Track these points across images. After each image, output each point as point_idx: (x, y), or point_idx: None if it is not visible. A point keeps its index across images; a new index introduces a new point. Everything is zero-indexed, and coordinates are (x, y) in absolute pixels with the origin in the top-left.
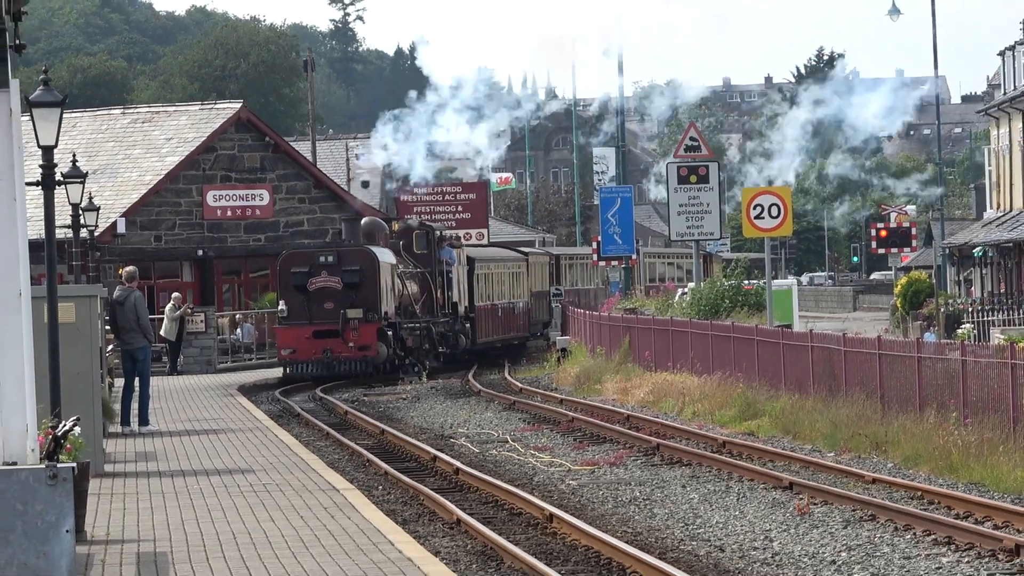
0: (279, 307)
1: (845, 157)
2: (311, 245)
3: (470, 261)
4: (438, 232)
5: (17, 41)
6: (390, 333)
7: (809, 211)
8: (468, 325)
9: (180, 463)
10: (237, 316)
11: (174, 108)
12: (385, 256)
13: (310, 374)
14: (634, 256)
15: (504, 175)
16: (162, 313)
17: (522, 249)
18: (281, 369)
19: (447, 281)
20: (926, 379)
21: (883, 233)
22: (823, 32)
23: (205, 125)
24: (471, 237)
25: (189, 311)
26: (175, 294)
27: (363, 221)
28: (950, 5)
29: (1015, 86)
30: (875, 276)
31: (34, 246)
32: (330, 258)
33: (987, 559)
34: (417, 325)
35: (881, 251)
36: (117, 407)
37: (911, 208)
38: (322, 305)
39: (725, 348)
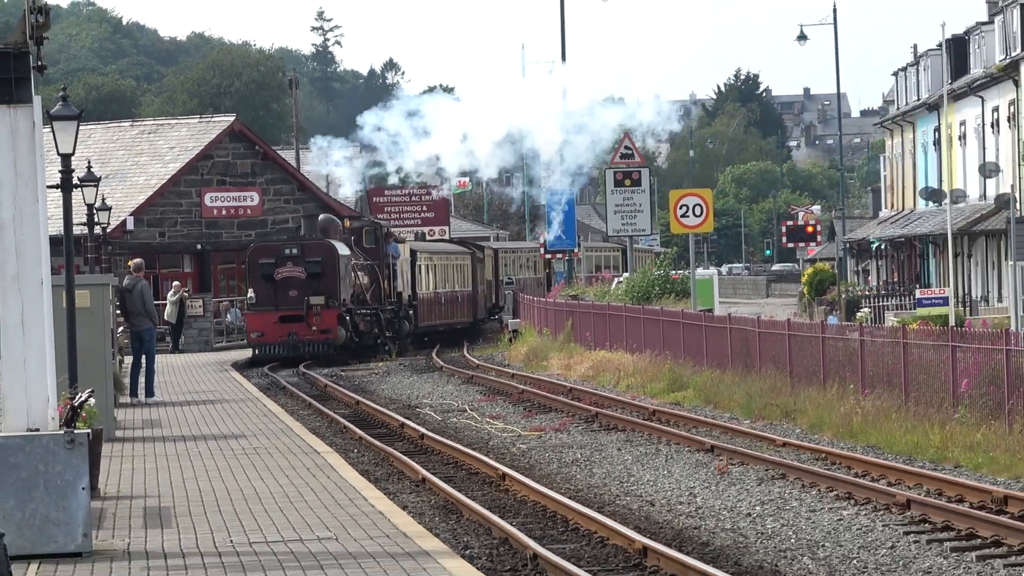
0: (248, 294)
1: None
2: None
3: (413, 254)
4: (384, 229)
5: (39, 63)
6: (348, 318)
7: (728, 209)
8: (411, 312)
9: (181, 429)
10: (223, 303)
11: (176, 121)
12: (343, 249)
13: (277, 355)
14: (576, 249)
15: (463, 179)
16: (166, 299)
17: (468, 244)
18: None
19: (393, 273)
20: (829, 356)
21: (792, 229)
22: (742, 55)
23: (203, 136)
24: (434, 233)
25: (186, 294)
26: (176, 283)
27: (320, 217)
28: (851, 31)
29: (907, 102)
30: (776, 267)
31: (54, 241)
32: (295, 250)
33: (882, 512)
34: (368, 311)
35: (790, 245)
36: (126, 381)
37: (816, 208)
38: (287, 293)
39: (655, 330)
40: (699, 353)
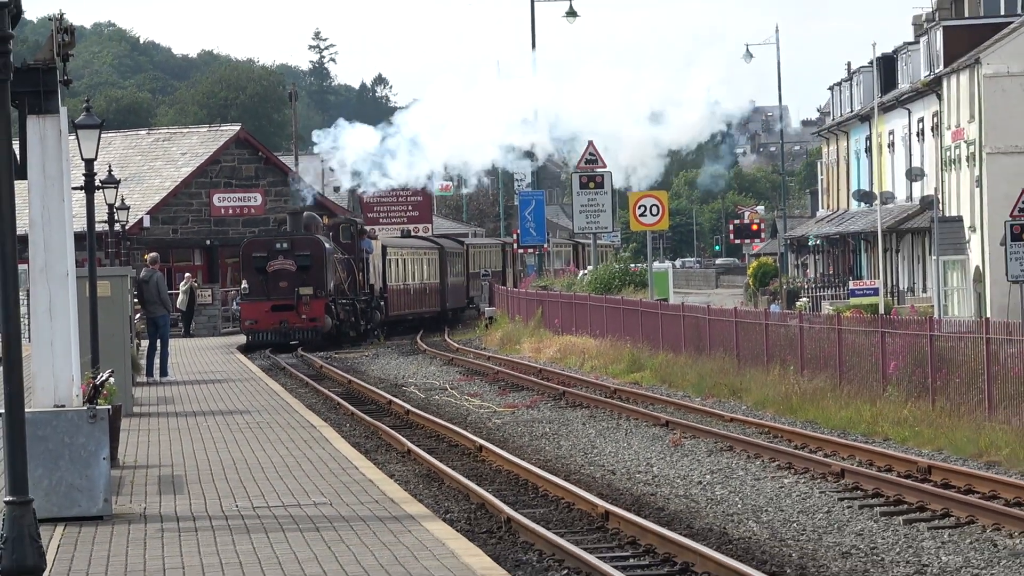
0: (242, 285)
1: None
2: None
3: (383, 250)
4: (359, 226)
5: (65, 77)
6: (333, 307)
7: (681, 209)
8: (382, 302)
9: (192, 406)
10: (230, 293)
11: (187, 130)
12: (328, 244)
13: (269, 341)
14: (545, 245)
15: (445, 183)
16: (178, 289)
17: (436, 240)
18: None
19: (366, 266)
20: (772, 341)
21: (739, 227)
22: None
23: (211, 143)
24: (419, 230)
25: (195, 284)
26: (187, 274)
27: (304, 215)
28: (792, 51)
29: (841, 114)
30: (719, 261)
31: (78, 237)
32: (285, 245)
33: (819, 480)
34: (347, 301)
35: (737, 241)
36: (143, 362)
37: (760, 208)
38: (278, 284)
39: (616, 317)
40: (655, 338)
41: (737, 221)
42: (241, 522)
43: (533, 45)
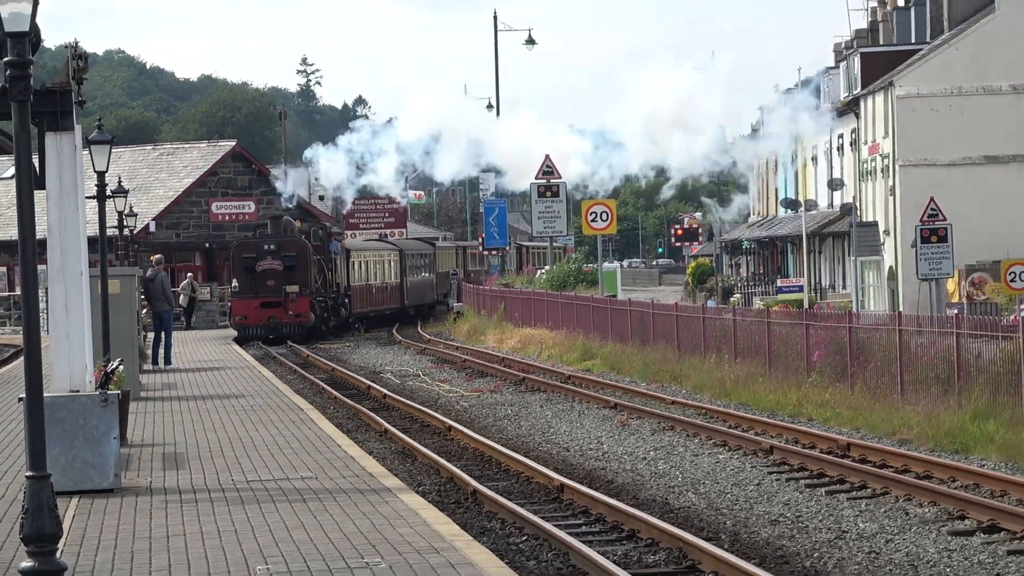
0: (232, 284)
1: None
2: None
3: (347, 252)
4: (328, 229)
5: (80, 99)
6: (316, 304)
7: (628, 215)
8: (347, 300)
9: (193, 391)
10: (226, 290)
11: (189, 145)
12: (310, 246)
13: (258, 336)
14: (507, 247)
15: (418, 192)
16: (179, 287)
17: (395, 243)
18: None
19: (335, 267)
20: (709, 332)
21: (679, 232)
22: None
23: (210, 157)
24: (395, 234)
25: (196, 283)
26: (188, 274)
27: (282, 219)
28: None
29: (764, 132)
30: (661, 262)
31: (91, 241)
32: (272, 246)
33: (750, 456)
34: (323, 298)
35: (678, 244)
36: (149, 352)
37: (698, 214)
38: (266, 282)
39: (570, 311)
40: (605, 330)
41: (678, 226)
42: (236, 494)
43: (496, 73)
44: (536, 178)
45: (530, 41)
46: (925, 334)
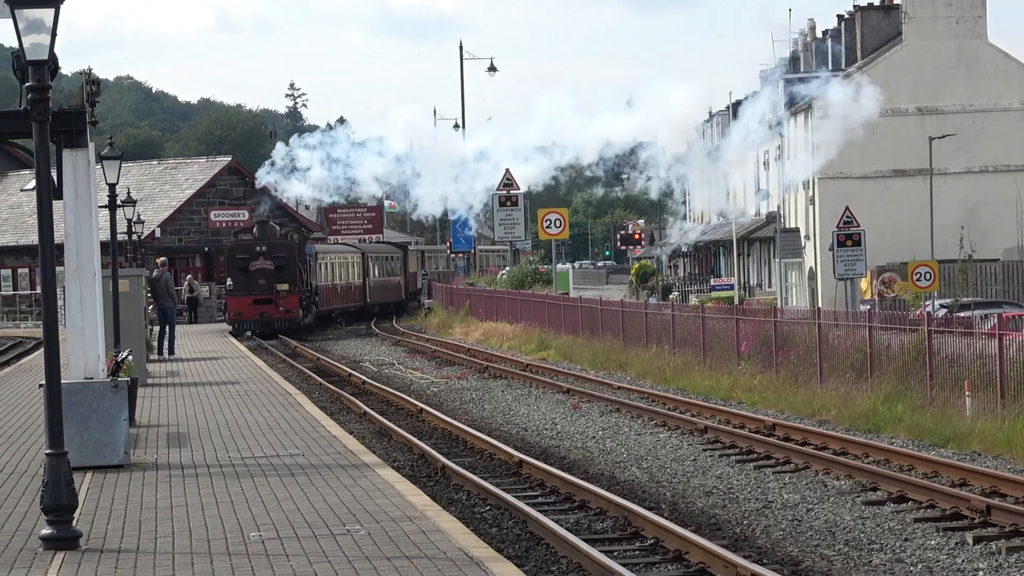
0: (227, 283)
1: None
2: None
3: (316, 254)
4: (304, 234)
5: (93, 119)
6: (303, 301)
7: (579, 222)
8: (316, 298)
9: (193, 378)
10: (223, 288)
11: (190, 161)
12: (298, 248)
13: (252, 330)
14: (473, 250)
15: (391, 201)
16: (182, 286)
17: (357, 246)
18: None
19: (309, 268)
20: (650, 325)
21: (625, 237)
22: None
23: (209, 171)
24: (372, 239)
25: (195, 283)
26: (188, 275)
27: (268, 224)
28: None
29: (705, 147)
30: (606, 263)
31: (103, 245)
32: (264, 247)
33: (687, 435)
34: (306, 297)
35: (623, 247)
36: (155, 344)
37: (641, 221)
38: (258, 281)
39: (528, 307)
40: (559, 323)
41: (623, 232)
42: (232, 469)
43: (463, 97)
44: (497, 189)
45: (492, 68)
46: (841, 327)
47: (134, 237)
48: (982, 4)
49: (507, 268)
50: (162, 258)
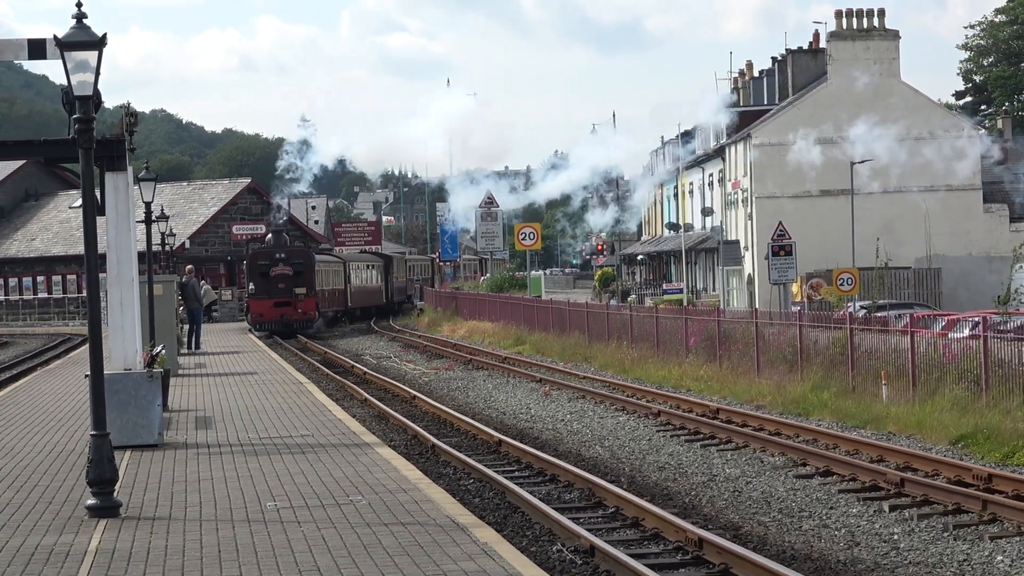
0: (249, 287)
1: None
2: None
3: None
4: (309, 244)
5: (131, 147)
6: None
7: (550, 235)
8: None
9: (217, 368)
10: (244, 292)
11: (215, 182)
12: (313, 255)
13: (271, 330)
14: (458, 259)
15: (389, 217)
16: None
17: (340, 256)
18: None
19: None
20: (611, 323)
21: (598, 247)
22: (558, 135)
23: (231, 191)
24: (373, 249)
25: (209, 289)
26: (202, 281)
27: (282, 234)
28: (624, 127)
29: (654, 172)
30: (573, 270)
31: (140, 255)
32: (283, 254)
33: (644, 418)
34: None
35: (588, 257)
36: (184, 340)
37: (603, 234)
38: (278, 285)
39: (506, 308)
40: (532, 322)
41: (588, 242)
42: (252, 448)
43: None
44: (479, 207)
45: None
46: (775, 325)
47: (166, 248)
48: (896, 47)
49: (488, 274)
50: (190, 266)
